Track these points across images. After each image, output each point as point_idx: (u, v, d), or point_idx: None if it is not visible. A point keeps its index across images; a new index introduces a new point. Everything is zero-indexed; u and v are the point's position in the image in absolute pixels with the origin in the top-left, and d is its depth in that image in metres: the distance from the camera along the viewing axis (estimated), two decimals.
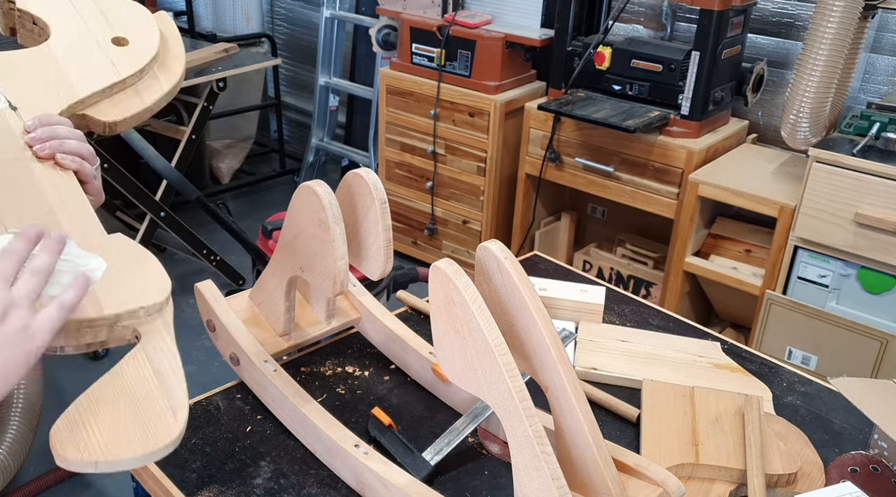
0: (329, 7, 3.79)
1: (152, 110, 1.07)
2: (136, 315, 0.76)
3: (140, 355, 0.74)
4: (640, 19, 2.91)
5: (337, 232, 0.99)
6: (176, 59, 1.13)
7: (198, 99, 3.18)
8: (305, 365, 1.22)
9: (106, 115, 1.02)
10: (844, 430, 1.15)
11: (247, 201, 4.04)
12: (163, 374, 0.72)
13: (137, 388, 0.71)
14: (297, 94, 4.43)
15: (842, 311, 2.22)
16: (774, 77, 2.67)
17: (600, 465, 0.86)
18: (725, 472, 1.01)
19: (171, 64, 1.12)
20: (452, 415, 1.12)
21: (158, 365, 0.73)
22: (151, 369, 0.72)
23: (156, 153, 2.53)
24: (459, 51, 2.90)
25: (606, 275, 2.90)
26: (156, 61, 1.10)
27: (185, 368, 0.74)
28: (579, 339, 1.31)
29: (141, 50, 1.09)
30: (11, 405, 2.04)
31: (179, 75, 1.11)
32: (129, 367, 0.73)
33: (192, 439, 1.06)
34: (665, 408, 1.12)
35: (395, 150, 3.21)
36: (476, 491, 1.00)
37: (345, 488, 0.99)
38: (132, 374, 0.72)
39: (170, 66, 1.12)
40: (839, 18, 2.07)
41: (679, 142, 2.49)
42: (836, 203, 2.12)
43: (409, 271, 2.56)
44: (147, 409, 0.69)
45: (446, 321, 0.84)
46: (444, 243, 3.23)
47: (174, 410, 0.69)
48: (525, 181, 2.92)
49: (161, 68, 1.11)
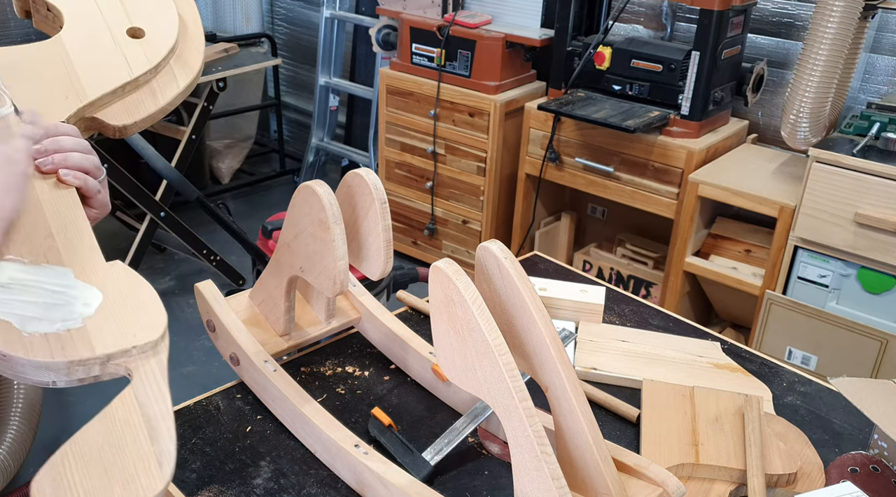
0: (329, 7, 3.79)
1: (166, 111, 1.01)
2: (129, 354, 0.73)
3: (130, 398, 0.71)
4: (640, 19, 2.91)
5: (337, 232, 0.99)
6: (195, 49, 1.06)
7: (198, 99, 3.18)
8: (305, 365, 1.22)
9: (117, 118, 0.97)
10: (844, 430, 1.15)
11: (247, 201, 4.04)
12: (152, 420, 0.69)
13: (125, 434, 0.69)
14: (297, 94, 4.43)
15: (842, 311, 2.22)
16: (774, 77, 2.67)
17: (600, 465, 0.86)
18: (725, 472, 1.01)
19: (188, 55, 1.05)
20: (452, 415, 1.12)
21: (148, 410, 0.70)
22: (141, 414, 0.70)
23: (156, 153, 2.53)
24: (459, 51, 2.90)
25: (606, 275, 2.90)
26: (173, 53, 1.04)
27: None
28: (579, 339, 1.31)
29: (158, 42, 1.02)
30: (11, 405, 2.04)
31: (197, 69, 1.05)
32: (119, 412, 0.70)
33: (192, 439, 1.06)
34: (665, 408, 1.12)
35: (395, 150, 3.21)
36: (476, 491, 1.00)
37: (345, 488, 0.99)
38: (121, 419, 0.70)
39: (187, 59, 1.05)
40: (839, 18, 2.07)
41: (679, 142, 2.49)
42: (836, 203, 2.12)
43: (409, 271, 2.56)
44: (133, 459, 0.67)
45: (446, 321, 0.84)
46: (444, 243, 3.23)
47: (160, 462, 0.67)
48: (525, 181, 2.92)
49: (178, 61, 1.04)
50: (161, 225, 3.02)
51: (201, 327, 1.24)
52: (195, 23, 1.09)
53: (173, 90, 1.01)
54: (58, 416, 2.43)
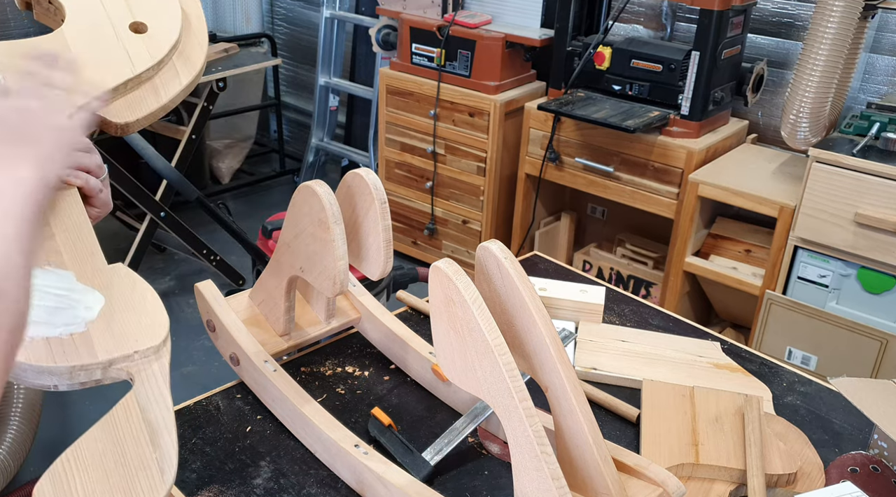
0: (329, 7, 3.79)
1: (168, 108, 0.99)
2: (131, 358, 0.73)
3: (132, 404, 0.71)
4: (640, 19, 2.91)
5: (337, 232, 0.99)
6: (198, 45, 1.04)
7: (198, 99, 3.18)
8: (305, 365, 1.22)
9: (119, 115, 0.95)
10: (844, 430, 1.15)
11: (247, 201, 4.04)
12: (154, 426, 0.69)
13: (127, 439, 0.69)
14: (297, 94, 4.43)
15: (842, 311, 2.22)
16: (774, 77, 2.67)
17: (600, 465, 0.86)
18: (725, 472, 1.01)
19: (191, 51, 1.04)
20: (452, 415, 1.12)
21: (150, 415, 0.70)
22: (143, 420, 0.70)
23: (156, 153, 2.53)
24: (459, 51, 2.90)
25: (606, 275, 2.90)
26: (175, 49, 1.02)
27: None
28: (579, 339, 1.31)
29: (160, 38, 1.01)
30: (11, 405, 2.04)
31: (200, 66, 1.03)
32: (121, 418, 0.70)
33: (192, 439, 1.06)
34: (665, 408, 1.12)
35: (394, 150, 3.21)
36: (476, 491, 1.00)
37: (345, 488, 0.99)
38: (123, 424, 0.70)
39: (190, 54, 1.03)
40: (839, 18, 2.07)
41: (679, 142, 2.49)
42: (836, 203, 2.12)
43: (409, 271, 2.56)
44: (135, 466, 0.67)
45: (446, 321, 0.84)
46: (444, 243, 3.23)
47: (162, 468, 0.67)
48: (525, 181, 2.92)
49: (180, 57, 1.02)
50: (161, 225, 3.02)
51: (201, 327, 1.24)
52: (198, 18, 1.08)
53: (176, 87, 1.00)
54: (58, 417, 2.43)
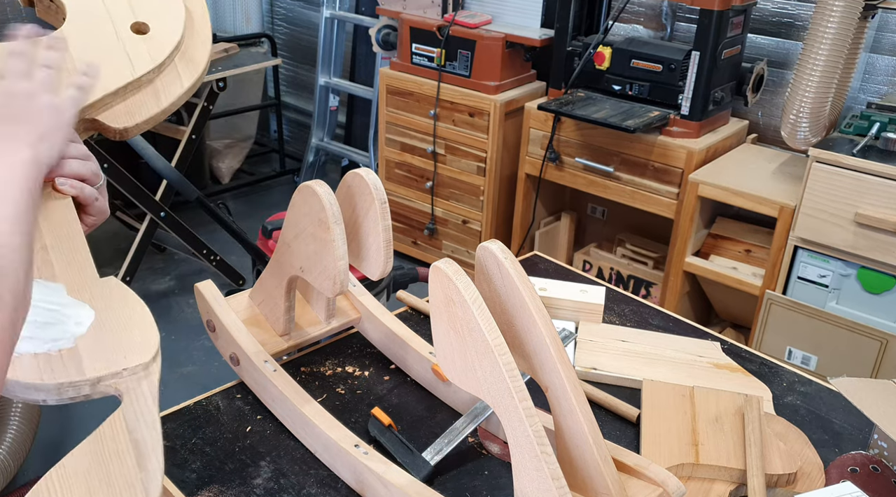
0: (329, 7, 3.79)
1: (168, 112, 0.97)
2: (120, 376, 0.71)
3: (119, 422, 0.70)
4: (640, 19, 2.91)
5: (337, 232, 0.99)
6: (201, 45, 1.02)
7: (198, 99, 3.18)
8: (305, 365, 1.22)
9: (118, 120, 0.92)
10: (844, 430, 1.15)
11: (247, 201, 4.04)
12: (140, 446, 0.69)
13: (113, 458, 0.68)
14: (297, 94, 4.43)
15: (842, 311, 2.22)
16: (774, 77, 2.67)
17: (600, 465, 0.86)
18: (725, 472, 1.01)
19: (194, 52, 1.01)
20: (452, 415, 1.12)
21: (137, 435, 0.69)
22: (129, 440, 0.69)
23: (156, 153, 2.53)
24: (459, 51, 2.90)
25: (606, 275, 2.90)
26: (178, 50, 1.00)
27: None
28: (579, 339, 1.31)
29: (162, 39, 0.98)
30: (11, 405, 2.04)
31: (203, 67, 1.00)
32: (108, 437, 0.69)
33: (192, 439, 1.06)
34: (665, 408, 1.12)
35: (395, 150, 3.21)
36: (476, 491, 1.00)
37: (345, 488, 0.99)
38: (109, 443, 0.69)
39: (192, 55, 1.01)
40: (839, 18, 2.07)
41: (679, 142, 2.49)
42: (836, 203, 2.12)
43: (409, 271, 2.56)
44: (120, 485, 0.66)
45: (446, 321, 0.84)
46: (444, 243, 3.23)
47: (147, 488, 0.66)
48: (525, 181, 2.92)
49: (182, 58, 1.00)
50: (161, 225, 3.02)
51: (201, 327, 1.24)
52: (202, 16, 1.05)
53: (177, 90, 0.97)
54: (58, 417, 2.43)
